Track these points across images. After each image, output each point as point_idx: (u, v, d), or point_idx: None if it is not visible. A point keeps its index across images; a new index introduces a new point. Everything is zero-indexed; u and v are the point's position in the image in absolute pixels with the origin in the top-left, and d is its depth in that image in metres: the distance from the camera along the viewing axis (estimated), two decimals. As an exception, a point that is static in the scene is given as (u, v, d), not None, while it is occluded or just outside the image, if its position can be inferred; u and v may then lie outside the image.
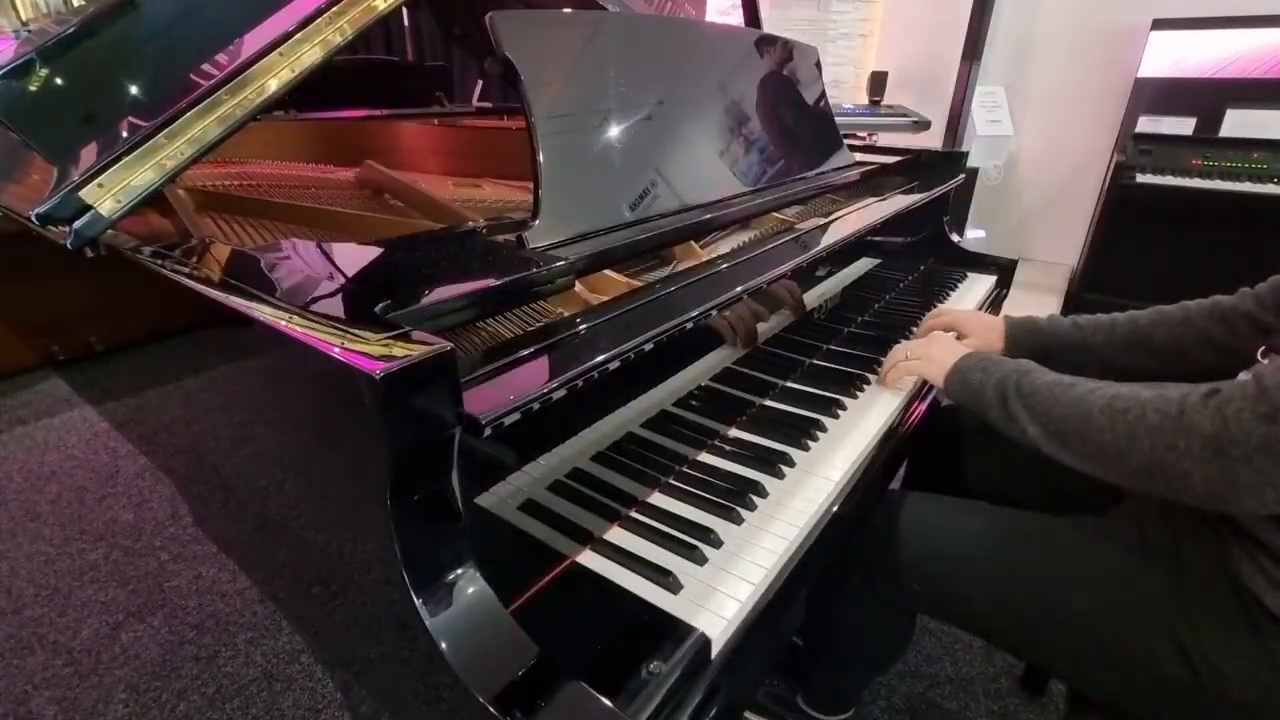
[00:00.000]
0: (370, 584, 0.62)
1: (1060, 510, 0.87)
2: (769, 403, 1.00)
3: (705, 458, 0.86)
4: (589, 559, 0.69)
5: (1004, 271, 1.61)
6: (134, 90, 0.91)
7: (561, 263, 0.71)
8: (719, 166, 1.09)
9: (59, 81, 1.01)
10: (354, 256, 0.74)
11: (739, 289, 0.83)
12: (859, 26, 3.71)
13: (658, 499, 0.78)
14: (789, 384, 1.05)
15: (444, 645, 0.51)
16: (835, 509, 0.80)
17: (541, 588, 0.66)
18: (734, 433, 0.92)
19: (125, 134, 0.82)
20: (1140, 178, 2.85)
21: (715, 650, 0.61)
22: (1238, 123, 2.78)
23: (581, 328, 0.67)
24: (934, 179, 1.54)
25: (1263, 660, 0.68)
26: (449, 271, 0.70)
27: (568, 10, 0.95)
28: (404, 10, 2.24)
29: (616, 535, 0.72)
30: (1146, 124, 2.93)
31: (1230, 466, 0.61)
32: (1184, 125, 2.88)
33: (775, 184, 1.19)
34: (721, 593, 0.65)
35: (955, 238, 1.69)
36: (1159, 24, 2.87)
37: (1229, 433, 0.61)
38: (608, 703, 0.50)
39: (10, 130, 0.97)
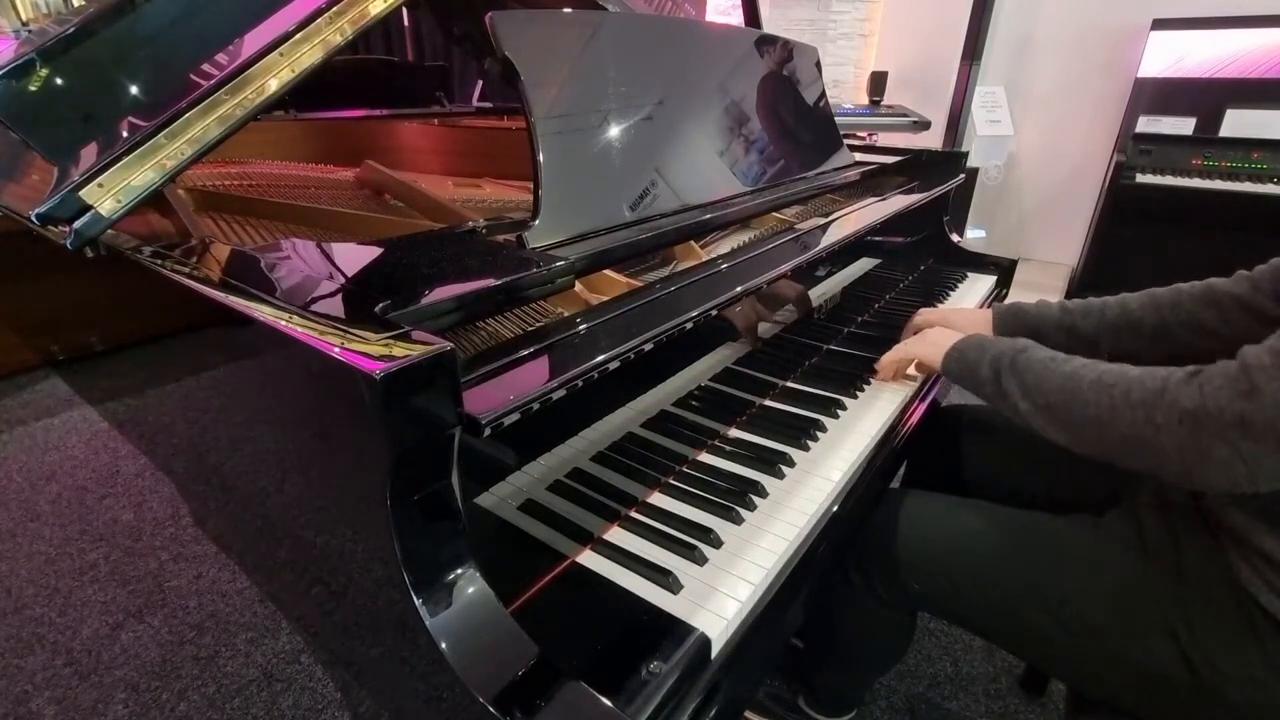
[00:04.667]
0: (370, 584, 0.62)
1: (1060, 510, 0.87)
2: (769, 403, 1.00)
3: (705, 458, 0.86)
4: (589, 559, 0.69)
5: (1004, 271, 1.61)
6: (134, 90, 0.91)
7: (561, 263, 0.71)
8: (719, 166, 1.09)
9: (59, 81, 1.01)
10: (354, 256, 0.74)
11: (739, 289, 0.83)
12: (859, 26, 3.71)
13: (658, 499, 0.78)
14: (789, 384, 1.05)
15: (444, 645, 0.51)
16: (835, 509, 0.80)
17: (541, 588, 0.66)
18: (734, 433, 0.92)
19: (125, 134, 0.82)
20: (1140, 178, 2.85)
21: (715, 650, 0.61)
22: (1238, 123, 2.79)
23: (581, 328, 0.67)
24: (934, 179, 1.54)
25: (1261, 661, 0.68)
26: (449, 271, 0.70)
27: (568, 10, 0.94)
28: (404, 10, 2.24)
29: (616, 535, 0.72)
30: (1146, 124, 2.94)
31: (1204, 441, 0.62)
32: (1184, 125, 2.88)
33: (775, 184, 1.19)
34: (721, 593, 0.65)
35: (955, 238, 1.69)
36: (1159, 24, 2.87)
37: (1206, 408, 0.62)
38: (607, 703, 0.50)
39: (10, 130, 0.97)
